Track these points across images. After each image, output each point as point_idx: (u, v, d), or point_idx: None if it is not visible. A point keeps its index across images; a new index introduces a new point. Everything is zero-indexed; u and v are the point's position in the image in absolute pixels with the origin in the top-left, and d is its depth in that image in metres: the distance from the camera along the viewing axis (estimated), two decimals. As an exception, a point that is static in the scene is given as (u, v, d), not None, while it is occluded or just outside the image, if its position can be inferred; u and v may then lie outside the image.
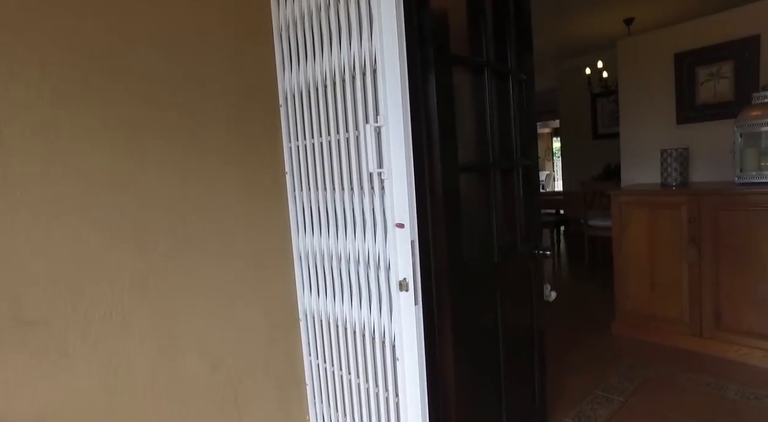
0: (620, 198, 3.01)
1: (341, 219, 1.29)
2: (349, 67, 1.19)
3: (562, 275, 4.93)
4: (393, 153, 1.09)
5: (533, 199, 1.92)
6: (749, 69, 2.89)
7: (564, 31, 5.38)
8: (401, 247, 1.11)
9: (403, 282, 1.10)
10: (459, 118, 1.48)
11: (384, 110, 1.09)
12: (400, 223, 1.09)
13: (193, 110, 1.24)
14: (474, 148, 1.57)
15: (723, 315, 2.69)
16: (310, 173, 1.38)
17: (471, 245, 1.53)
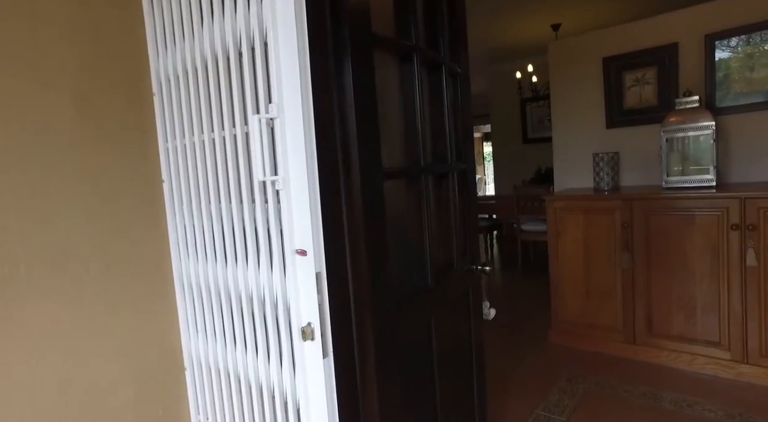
0: (555, 203, 2.92)
1: (230, 241, 0.99)
2: (234, 40, 0.89)
3: (496, 281, 4.86)
4: (291, 154, 0.81)
5: (471, 208, 1.71)
6: (670, 75, 2.91)
7: (493, 35, 5.36)
8: (304, 282, 0.82)
9: (306, 329, 0.81)
10: (383, 114, 1.22)
11: (278, 97, 0.80)
12: (301, 250, 0.81)
13: (22, 103, 0.88)
14: (402, 149, 1.32)
15: (654, 320, 2.66)
16: (191, 181, 1.06)
17: (400, 269, 1.28)
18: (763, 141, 2.68)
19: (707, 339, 2.51)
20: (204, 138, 0.99)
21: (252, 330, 0.96)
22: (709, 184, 2.56)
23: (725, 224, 2.37)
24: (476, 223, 1.81)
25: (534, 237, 4.74)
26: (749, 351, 2.40)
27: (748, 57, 2.68)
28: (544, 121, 6.07)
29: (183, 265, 1.12)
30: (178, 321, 1.15)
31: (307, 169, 0.80)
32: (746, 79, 2.69)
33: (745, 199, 2.30)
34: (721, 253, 2.40)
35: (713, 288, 2.45)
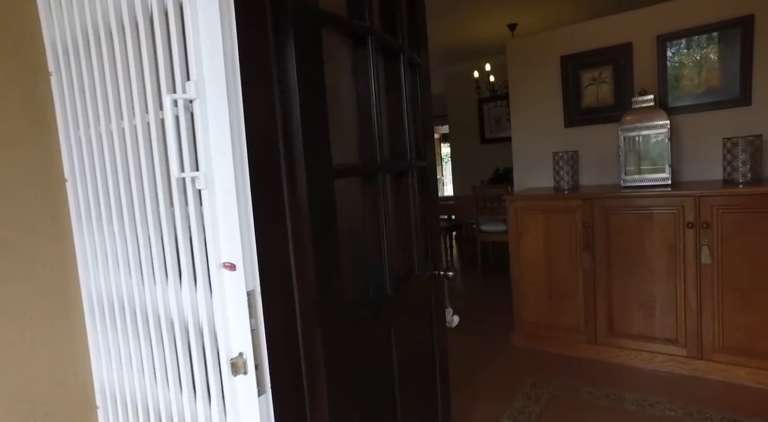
0: (516, 203, 2.86)
1: (146, 252, 0.81)
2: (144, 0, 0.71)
3: (457, 283, 4.80)
4: (215, 146, 0.65)
5: (432, 209, 1.59)
6: (626, 75, 2.93)
7: (450, 35, 5.32)
8: (233, 302, 0.66)
9: (237, 361, 0.66)
10: (334, 103, 1.08)
11: (197, 73, 0.64)
12: (228, 263, 0.65)
13: None
14: (356, 145, 1.18)
15: (615, 320, 2.64)
16: (100, 180, 0.87)
17: (355, 279, 1.13)
18: (711, 140, 2.72)
19: (665, 336, 2.51)
20: (113, 127, 0.81)
21: (175, 360, 0.78)
22: (665, 183, 2.57)
23: (681, 222, 2.37)
24: (438, 225, 1.69)
25: (494, 237, 4.72)
26: (704, 347, 2.41)
27: (696, 58, 2.72)
28: (502, 121, 6.10)
29: (93, 282, 0.92)
30: (87, 349, 0.96)
31: (235, 163, 0.64)
32: (695, 80, 2.73)
33: (699, 197, 2.32)
34: (677, 251, 2.41)
35: (671, 286, 2.45)
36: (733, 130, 2.65)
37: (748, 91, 2.62)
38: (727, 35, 2.64)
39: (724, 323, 2.35)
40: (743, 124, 2.64)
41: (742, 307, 2.31)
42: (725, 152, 2.46)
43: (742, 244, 2.26)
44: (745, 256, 2.27)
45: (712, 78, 2.69)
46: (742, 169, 2.39)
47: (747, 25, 2.59)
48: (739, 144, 2.39)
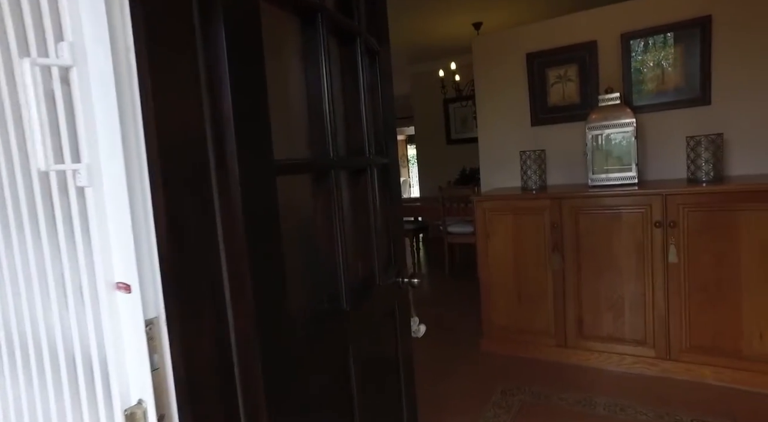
0: (484, 204, 2.78)
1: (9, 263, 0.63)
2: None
3: (424, 286, 4.70)
4: (103, 129, 0.49)
5: (394, 210, 1.46)
6: (591, 73, 2.90)
7: (414, 34, 5.23)
8: (129, 333, 0.51)
9: (135, 412, 0.50)
10: (277, 88, 0.93)
11: (74, 32, 0.48)
12: (122, 283, 0.49)
13: None
14: (305, 138, 1.03)
15: (584, 322, 2.59)
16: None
17: (306, 292, 0.99)
18: (674, 139, 2.72)
19: (634, 337, 2.47)
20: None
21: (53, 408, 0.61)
22: (632, 182, 2.54)
23: (649, 221, 2.34)
24: (401, 228, 1.56)
25: (461, 239, 4.65)
26: (671, 347, 2.39)
27: (658, 57, 2.71)
28: (468, 121, 6.07)
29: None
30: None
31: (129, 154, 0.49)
32: (658, 79, 2.72)
33: (666, 195, 2.29)
34: (645, 251, 2.37)
35: (639, 286, 2.42)
36: (696, 129, 2.65)
37: (708, 91, 2.63)
38: (687, 35, 2.65)
39: (691, 322, 2.33)
40: (704, 123, 2.65)
41: (707, 306, 2.29)
42: (689, 151, 2.45)
43: (707, 243, 2.25)
44: (710, 255, 2.25)
45: (674, 77, 2.69)
46: (705, 167, 2.38)
47: (705, 26, 2.60)
48: (702, 142, 2.38)
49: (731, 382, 2.28)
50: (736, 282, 2.22)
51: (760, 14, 2.49)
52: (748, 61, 2.54)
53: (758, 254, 2.17)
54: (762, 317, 2.20)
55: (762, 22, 2.48)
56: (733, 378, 2.28)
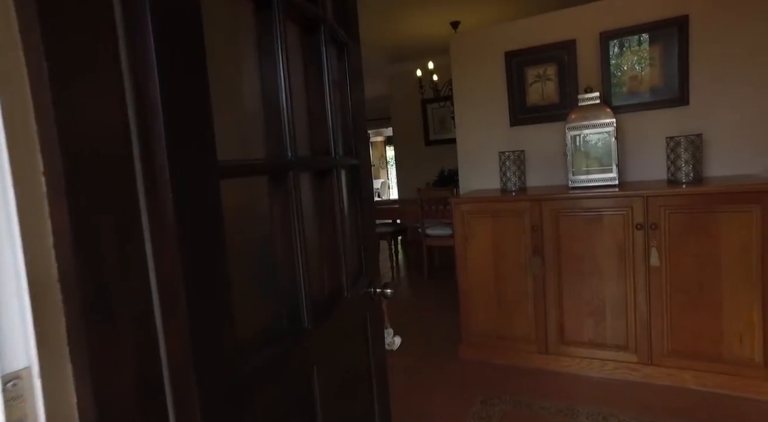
0: (462, 206, 2.69)
1: None
2: None
3: (402, 290, 4.60)
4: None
5: (366, 214, 1.35)
6: (570, 72, 2.84)
7: (391, 34, 5.15)
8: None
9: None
10: (225, 80, 0.81)
11: None
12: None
13: None
14: (259, 137, 0.91)
15: (565, 327, 2.53)
16: None
17: (257, 314, 0.87)
18: (653, 139, 2.68)
19: (616, 342, 2.42)
20: None
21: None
22: (612, 183, 2.49)
23: (630, 223, 2.29)
24: (373, 235, 1.45)
25: (440, 242, 4.57)
26: (653, 351, 2.34)
27: (637, 57, 2.67)
28: (446, 122, 6.00)
29: None
30: None
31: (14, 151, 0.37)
32: (637, 79, 2.68)
33: (647, 197, 2.24)
34: (627, 254, 2.32)
35: (621, 290, 2.36)
36: (675, 130, 2.62)
37: (686, 91, 2.60)
38: (665, 35, 2.61)
39: (672, 326, 2.29)
40: (683, 124, 2.62)
41: (688, 309, 2.25)
42: (668, 151, 2.41)
43: (688, 245, 2.20)
44: (692, 257, 2.21)
45: (653, 77, 2.66)
46: (685, 168, 2.34)
47: (682, 26, 2.57)
48: (682, 143, 2.34)
49: (712, 387, 2.24)
50: (717, 284, 2.18)
51: (736, 13, 2.47)
52: (725, 61, 2.52)
53: (738, 256, 2.13)
54: (742, 320, 2.16)
55: (738, 21, 2.47)
56: (714, 382, 2.24)
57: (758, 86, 2.47)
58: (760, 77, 2.46)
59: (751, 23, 2.44)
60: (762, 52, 2.44)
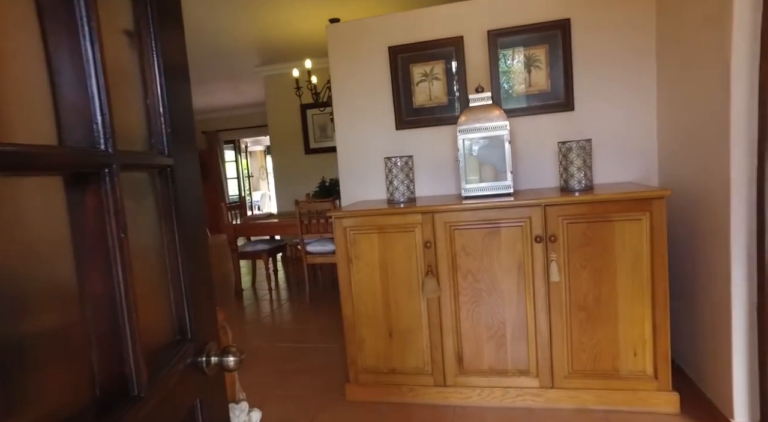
0: (344, 221, 2.27)
1: None
2: None
3: (282, 316, 4.04)
4: None
5: (191, 242, 0.85)
6: (458, 71, 2.62)
7: (266, 30, 4.61)
8: None
9: None
10: None
11: None
12: None
13: None
14: None
15: (464, 356, 2.23)
16: None
17: None
18: (544, 145, 2.56)
19: (518, 368, 2.18)
20: None
21: None
22: (507, 191, 2.28)
23: (529, 236, 2.07)
24: (205, 275, 0.94)
25: (323, 259, 4.11)
26: (555, 374, 2.15)
27: (525, 59, 2.53)
28: (327, 129, 5.60)
29: None
30: None
31: None
32: (525, 82, 2.54)
33: (546, 206, 2.04)
34: (527, 270, 2.10)
35: (521, 310, 2.13)
36: (563, 136, 2.52)
37: (571, 96, 2.52)
38: (551, 37, 2.51)
39: (573, 346, 2.11)
40: (571, 129, 2.53)
41: (587, 327, 2.09)
42: (560, 157, 2.27)
43: (586, 257, 2.05)
44: (589, 271, 2.05)
45: (541, 80, 2.53)
46: (577, 175, 2.21)
47: (565, 29, 2.49)
48: (573, 148, 2.20)
49: (611, 404, 2.11)
50: (614, 298, 2.05)
51: (614, 20, 2.44)
52: (606, 67, 2.48)
53: (631, 266, 2.02)
54: (636, 333, 2.06)
55: (617, 27, 2.44)
56: (612, 399, 2.11)
57: (636, 93, 2.46)
58: (638, 84, 2.45)
59: (628, 29, 2.43)
60: (639, 60, 2.43)
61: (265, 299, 4.60)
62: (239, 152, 10.56)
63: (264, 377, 2.76)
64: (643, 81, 2.44)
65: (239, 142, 10.39)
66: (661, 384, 2.04)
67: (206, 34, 4.65)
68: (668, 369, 2.03)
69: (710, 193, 1.94)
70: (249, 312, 4.22)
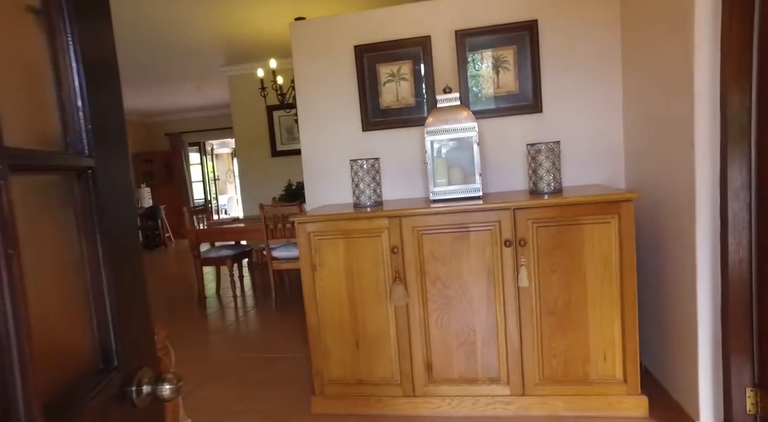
0: (308, 226, 2.17)
1: None
2: None
3: (247, 325, 3.89)
4: None
5: (123, 256, 0.75)
6: (426, 72, 2.56)
7: (231, 29, 4.46)
8: None
9: None
10: None
11: None
12: None
13: None
14: None
15: (434, 365, 2.16)
16: None
17: None
18: (513, 147, 2.53)
19: (488, 375, 2.13)
20: None
21: None
22: (476, 194, 2.23)
23: (499, 240, 2.02)
24: (140, 289, 0.83)
25: (289, 265, 3.98)
26: (526, 381, 2.10)
27: (494, 60, 2.49)
28: (294, 131, 5.47)
29: None
30: None
31: None
32: (494, 83, 2.50)
33: (515, 210, 2.00)
34: (496, 275, 2.05)
35: (491, 316, 2.08)
36: (532, 138, 2.49)
37: (539, 98, 2.50)
38: (519, 38, 2.48)
39: (543, 352, 2.08)
40: (539, 132, 2.51)
41: (557, 332, 2.06)
42: (529, 159, 2.24)
43: (556, 261, 2.02)
44: (559, 275, 2.02)
45: (509, 82, 2.50)
46: (546, 177, 2.18)
47: (533, 31, 2.47)
48: (542, 151, 2.18)
49: (582, 410, 2.08)
50: (583, 302, 2.03)
51: (580, 22, 2.43)
52: (573, 70, 2.47)
53: (601, 270, 2.00)
54: (605, 337, 2.04)
55: (583, 30, 2.43)
56: (582, 405, 2.08)
57: (603, 95, 2.46)
58: (604, 86, 2.45)
59: (594, 33, 2.43)
60: (605, 62, 2.43)
61: (230, 307, 4.43)
62: (205, 155, 10.26)
63: (225, 391, 2.61)
64: (610, 83, 2.44)
65: (205, 144, 10.09)
66: (630, 388, 2.03)
67: (169, 31, 4.46)
68: (637, 372, 2.02)
69: (676, 194, 1.93)
70: (212, 321, 4.04)
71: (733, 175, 1.73)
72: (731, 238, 1.76)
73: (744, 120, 1.71)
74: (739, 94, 1.71)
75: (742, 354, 1.78)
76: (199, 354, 3.23)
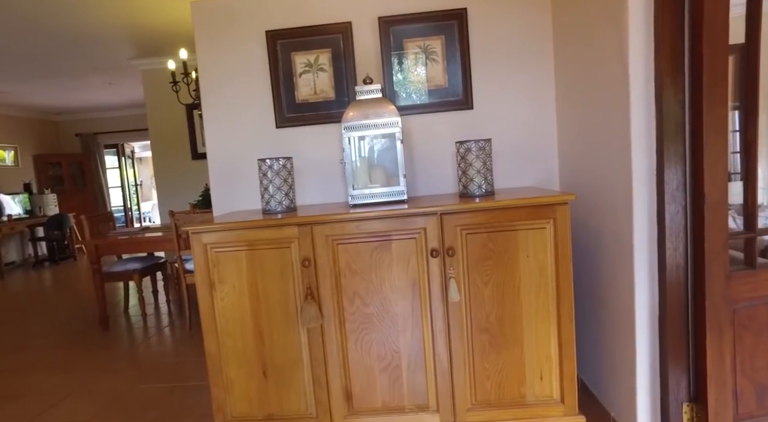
0: (203, 237, 1.83)
1: None
2: None
3: (154, 349, 3.42)
4: None
5: None
6: (347, 62, 2.29)
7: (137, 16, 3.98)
8: None
9: None
10: None
11: None
12: None
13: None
14: None
15: (354, 393, 1.88)
16: None
17: None
18: (441, 147, 2.32)
19: (416, 402, 1.88)
20: None
21: None
22: (400, 198, 1.98)
23: (425, 250, 1.79)
24: None
25: (204, 279, 3.55)
26: (457, 407, 1.87)
27: (420, 51, 2.28)
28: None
29: None
30: None
31: None
32: (421, 77, 2.29)
33: (442, 215, 1.77)
34: (423, 289, 1.81)
35: (417, 336, 1.84)
36: (462, 136, 2.30)
37: (470, 94, 2.31)
38: (447, 28, 2.28)
39: (476, 374, 1.86)
40: (470, 130, 2.32)
41: (491, 350, 1.85)
42: (459, 159, 2.03)
43: (488, 272, 1.81)
44: (492, 287, 1.81)
45: (437, 75, 2.29)
46: (477, 179, 1.98)
47: (462, 20, 2.28)
48: (473, 149, 1.97)
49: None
50: (518, 316, 1.83)
51: (511, 13, 2.27)
52: (504, 63, 2.30)
53: (536, 280, 1.82)
54: (541, 354, 1.85)
55: (514, 21, 2.27)
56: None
57: (535, 92, 2.31)
58: (536, 82, 2.30)
59: (524, 24, 2.28)
60: (537, 56, 2.29)
61: (138, 327, 3.92)
62: (124, 158, 9.42)
63: (110, 434, 2.19)
64: (542, 79, 2.30)
65: (123, 147, 9.26)
66: (568, 408, 1.86)
67: (67, 17, 3.90)
68: (574, 391, 1.85)
69: (612, 196, 1.79)
70: (112, 344, 3.53)
71: (669, 176, 1.61)
72: (668, 243, 1.63)
73: (679, 115, 1.59)
74: (674, 87, 1.59)
75: (679, 366, 1.66)
76: (87, 388, 2.75)
